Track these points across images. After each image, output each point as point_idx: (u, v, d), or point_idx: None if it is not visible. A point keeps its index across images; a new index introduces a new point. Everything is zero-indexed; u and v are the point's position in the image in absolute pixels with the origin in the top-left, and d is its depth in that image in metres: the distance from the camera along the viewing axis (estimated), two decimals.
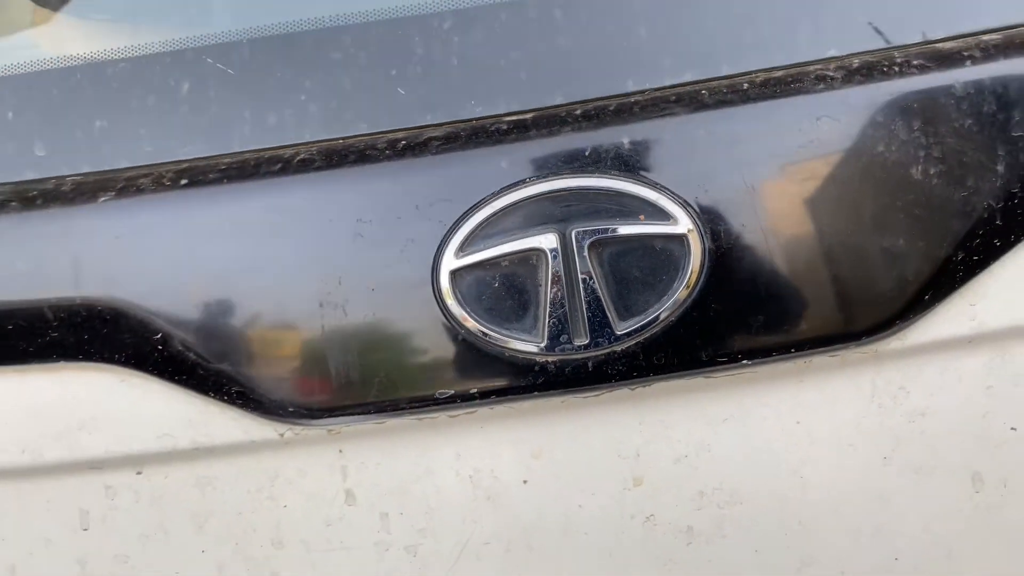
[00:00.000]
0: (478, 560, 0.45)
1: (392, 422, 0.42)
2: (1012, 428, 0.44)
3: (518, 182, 0.39)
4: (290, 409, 0.41)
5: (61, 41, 0.49)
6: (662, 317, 0.39)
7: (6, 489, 0.46)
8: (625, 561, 0.45)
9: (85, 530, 0.46)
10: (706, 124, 0.40)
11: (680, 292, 0.39)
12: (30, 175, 0.43)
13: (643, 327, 0.39)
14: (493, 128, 0.40)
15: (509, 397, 0.41)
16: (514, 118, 0.40)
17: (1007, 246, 0.40)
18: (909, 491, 0.45)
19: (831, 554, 0.45)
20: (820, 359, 0.42)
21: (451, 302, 0.39)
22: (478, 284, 0.39)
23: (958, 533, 0.45)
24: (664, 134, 0.40)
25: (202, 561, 0.46)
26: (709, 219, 0.39)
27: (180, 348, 0.41)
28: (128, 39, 0.45)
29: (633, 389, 0.42)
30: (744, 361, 0.40)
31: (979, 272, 0.41)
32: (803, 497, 0.45)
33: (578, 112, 0.40)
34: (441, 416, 0.42)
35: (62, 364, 0.43)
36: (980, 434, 0.44)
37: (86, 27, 0.50)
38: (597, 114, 0.40)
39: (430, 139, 0.40)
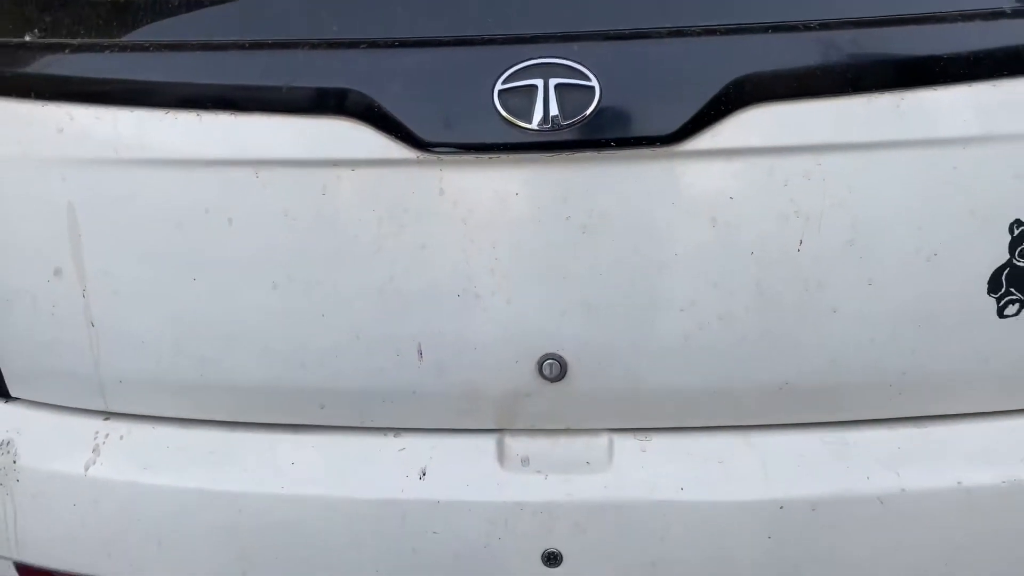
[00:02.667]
0: (493, 230, 1.01)
1: (463, 156, 0.99)
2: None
3: (530, 58, 0.96)
4: (423, 143, 0.98)
5: None
6: (583, 118, 0.95)
7: (283, 173, 1.03)
8: (559, 238, 1.00)
9: (323, 195, 1.03)
10: (612, 48, 0.97)
11: (590, 108, 0.95)
12: (329, 36, 1.01)
13: (573, 122, 0.95)
14: (525, 37, 0.97)
15: (515, 152, 0.97)
16: (534, 34, 0.98)
17: (729, 111, 0.96)
18: (721, 228, 1.00)
19: (686, 251, 1.01)
20: (649, 151, 0.97)
21: (498, 104, 0.96)
22: (510, 98, 0.96)
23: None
24: (594, 48, 0.96)
25: (370, 216, 1.03)
26: (607, 83, 0.95)
27: (384, 111, 0.98)
28: None
29: (567, 155, 0.98)
30: (612, 145, 0.96)
31: (718, 120, 0.96)
32: (655, 227, 1.00)
33: (559, 34, 0.97)
34: (484, 157, 0.99)
35: (328, 116, 1.00)
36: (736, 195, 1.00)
37: None
38: (563, 37, 0.97)
39: (496, 39, 0.98)
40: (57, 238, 1.09)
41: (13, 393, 1.21)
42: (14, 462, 1.17)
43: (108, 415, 1.19)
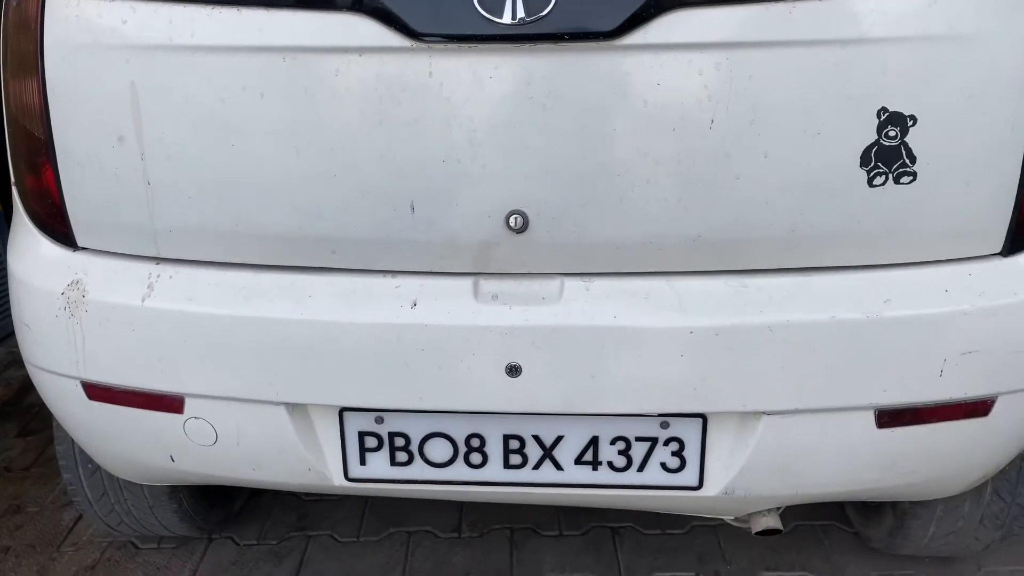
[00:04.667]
0: (471, 107, 1.28)
1: (448, 45, 1.25)
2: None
3: None
4: (417, 34, 1.24)
5: None
6: (541, 16, 1.22)
7: (305, 58, 1.29)
8: (524, 115, 1.28)
9: (336, 76, 1.29)
10: None
11: (548, 8, 1.21)
12: None
13: (535, 19, 1.22)
14: None
15: (490, 43, 1.24)
16: None
17: (656, 14, 1.22)
18: (650, 108, 1.27)
19: (622, 126, 1.28)
20: (594, 44, 1.23)
21: (476, 3, 1.22)
22: (488, 2, 1.22)
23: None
24: None
25: (373, 94, 1.29)
26: None
27: (386, 7, 1.24)
28: None
29: (530, 46, 1.24)
30: (565, 38, 1.23)
31: (648, 21, 1.23)
32: (598, 107, 1.27)
33: None
34: (465, 46, 1.25)
35: (342, 11, 1.26)
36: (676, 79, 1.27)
37: None
38: None
39: None
40: (121, 111, 1.36)
41: (80, 243, 1.49)
42: (83, 296, 1.45)
43: (159, 260, 1.46)
